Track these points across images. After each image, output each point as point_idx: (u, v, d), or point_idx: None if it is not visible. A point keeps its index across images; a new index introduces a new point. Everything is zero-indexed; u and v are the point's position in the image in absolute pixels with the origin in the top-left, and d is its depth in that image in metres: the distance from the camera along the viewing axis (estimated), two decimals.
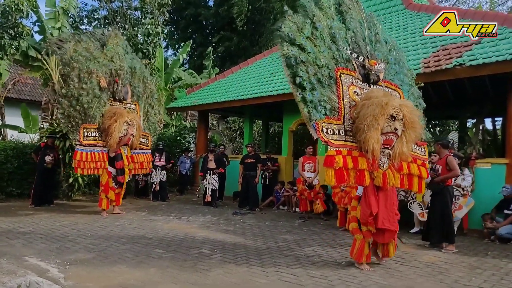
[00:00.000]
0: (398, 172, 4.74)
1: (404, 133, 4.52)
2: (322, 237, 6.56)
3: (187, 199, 11.24)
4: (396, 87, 5.20)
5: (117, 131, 7.98)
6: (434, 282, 4.27)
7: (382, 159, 4.59)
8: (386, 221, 4.61)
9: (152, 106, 9.72)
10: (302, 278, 4.24)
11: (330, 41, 4.69)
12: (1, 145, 9.99)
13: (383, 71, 4.94)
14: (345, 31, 4.88)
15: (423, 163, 5.13)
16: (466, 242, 6.35)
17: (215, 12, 24.79)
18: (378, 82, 4.94)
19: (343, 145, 4.47)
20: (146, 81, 9.55)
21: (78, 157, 7.75)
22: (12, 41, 10.91)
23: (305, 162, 8.41)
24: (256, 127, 16.77)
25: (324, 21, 4.69)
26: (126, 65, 9.03)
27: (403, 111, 4.43)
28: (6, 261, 4.44)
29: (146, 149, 9.25)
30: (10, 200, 9.62)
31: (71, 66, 7.98)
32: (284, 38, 4.46)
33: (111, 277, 4.12)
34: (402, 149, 4.56)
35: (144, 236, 6.15)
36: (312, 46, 4.52)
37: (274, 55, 12.98)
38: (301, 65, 4.40)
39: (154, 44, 13.14)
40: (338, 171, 4.31)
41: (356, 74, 4.80)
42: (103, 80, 8.32)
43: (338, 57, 4.69)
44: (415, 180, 4.96)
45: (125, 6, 14.92)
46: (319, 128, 4.37)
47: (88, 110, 7.99)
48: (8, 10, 10.69)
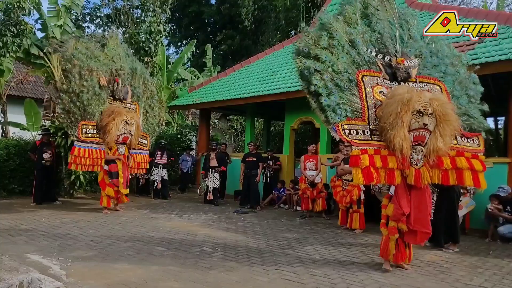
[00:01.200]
0: (438, 168, 4.53)
1: (438, 128, 4.36)
2: (323, 235, 6.56)
3: (188, 197, 11.26)
4: (435, 80, 4.96)
5: (115, 129, 7.97)
6: (435, 281, 4.27)
7: (414, 156, 4.46)
8: (417, 222, 4.46)
9: (152, 107, 9.74)
10: (303, 277, 4.24)
11: (349, 47, 4.78)
12: (3, 143, 10.02)
13: (416, 67, 4.82)
14: (370, 33, 4.88)
15: (474, 154, 4.70)
16: (468, 241, 6.34)
17: (217, 10, 24.78)
18: (410, 79, 4.80)
19: (369, 144, 4.49)
20: (146, 82, 9.58)
21: (76, 153, 7.77)
22: (14, 38, 10.93)
23: (307, 160, 8.42)
24: (257, 126, 16.78)
25: (343, 29, 4.81)
26: (127, 66, 9.11)
27: (433, 105, 4.30)
28: (8, 258, 4.45)
29: (145, 150, 9.24)
30: (12, 197, 9.65)
31: (72, 62, 8.04)
32: (299, 53, 4.73)
33: (112, 274, 4.13)
34: (436, 144, 4.37)
35: (146, 234, 6.16)
36: (329, 55, 4.69)
37: (276, 53, 12.97)
38: (315, 74, 4.62)
39: (156, 42, 13.14)
40: (365, 170, 4.34)
41: (382, 74, 4.77)
42: (103, 79, 8.37)
43: (359, 60, 4.77)
44: (467, 174, 4.58)
45: (128, 5, 14.92)
46: (340, 130, 4.49)
47: (88, 107, 8.04)
48: (10, 8, 10.71)
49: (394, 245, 4.56)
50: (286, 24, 20.62)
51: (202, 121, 13.55)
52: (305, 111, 10.32)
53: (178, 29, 27.70)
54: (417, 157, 4.46)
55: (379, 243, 5.96)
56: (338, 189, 7.43)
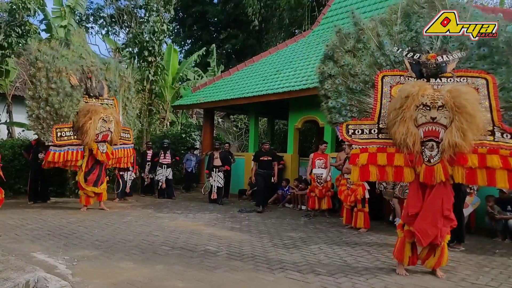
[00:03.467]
0: (461, 166, 4.15)
1: (454, 122, 4.07)
2: (328, 235, 6.55)
3: (192, 197, 11.28)
4: (480, 73, 4.46)
5: (93, 128, 7.86)
6: (441, 281, 4.25)
7: (427, 152, 4.27)
8: (424, 223, 4.23)
9: (130, 99, 9.57)
10: (308, 276, 4.24)
11: (375, 48, 4.85)
12: (9, 143, 10.07)
13: (454, 61, 4.53)
14: (406, 33, 4.80)
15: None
16: (473, 240, 6.31)
17: (221, 10, 24.78)
18: (444, 74, 4.53)
19: (372, 142, 4.59)
20: (122, 75, 9.36)
21: (50, 158, 7.71)
22: (19, 39, 10.98)
23: (316, 158, 8.41)
24: (261, 125, 16.78)
25: (375, 29, 4.90)
26: (98, 61, 8.89)
27: (445, 97, 4.07)
28: (15, 257, 4.48)
29: (128, 144, 9.08)
30: (18, 197, 9.70)
31: (36, 66, 7.84)
32: (326, 56, 5.07)
33: (118, 273, 4.15)
34: (453, 139, 4.05)
35: (151, 233, 6.18)
36: (350, 58, 4.91)
37: (280, 52, 12.96)
38: (328, 78, 4.95)
39: (159, 42, 13.16)
40: (361, 168, 4.49)
41: (407, 72, 4.68)
42: (73, 78, 8.14)
43: (382, 61, 4.80)
44: (500, 174, 4.08)
45: (131, 4, 14.95)
46: (343, 130, 4.77)
47: (60, 109, 7.88)
48: (15, 9, 10.77)
49: (410, 247, 4.44)
50: (290, 23, 20.59)
51: (206, 120, 13.56)
52: (309, 110, 10.34)
53: (181, 29, 27.73)
54: (430, 154, 4.26)
55: (384, 242, 5.98)
56: (342, 188, 7.42)
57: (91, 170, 8.18)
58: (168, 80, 15.60)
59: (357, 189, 6.97)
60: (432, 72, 4.55)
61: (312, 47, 11.96)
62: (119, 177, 9.95)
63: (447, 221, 4.29)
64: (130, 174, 10.30)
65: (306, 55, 11.49)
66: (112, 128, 8.24)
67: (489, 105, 4.31)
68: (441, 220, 4.24)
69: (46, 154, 7.89)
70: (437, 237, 4.23)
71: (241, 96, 10.96)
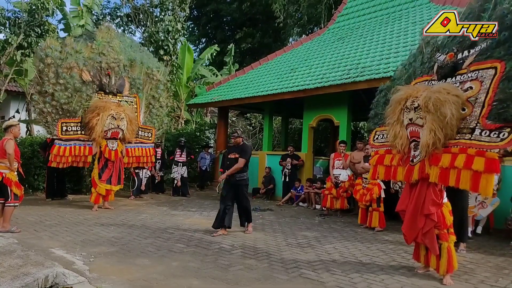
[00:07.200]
0: (435, 166, 4.06)
1: (426, 122, 4.06)
2: (342, 234, 6.50)
3: (207, 195, 11.33)
4: (491, 63, 4.03)
5: (100, 125, 7.82)
6: (459, 282, 4.17)
7: (412, 153, 4.39)
8: (407, 221, 4.36)
9: (158, 98, 9.46)
10: (323, 275, 4.21)
11: (420, 57, 4.98)
12: (28, 141, 10.29)
13: (472, 56, 4.29)
14: (451, 37, 4.62)
15: (479, 151, 3.72)
16: (492, 241, 6.18)
17: (236, 8, 24.79)
18: (459, 71, 4.36)
19: (383, 145, 5.04)
20: (150, 72, 9.26)
21: (55, 151, 7.75)
22: (38, 39, 11.20)
23: (336, 158, 8.36)
24: (276, 124, 16.74)
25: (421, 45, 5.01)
26: (124, 57, 8.84)
27: (420, 98, 4.08)
28: (34, 252, 4.57)
29: (148, 143, 8.95)
30: (37, 194, 9.92)
31: (45, 62, 7.92)
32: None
33: (134, 270, 4.20)
34: (423, 139, 4.08)
35: (166, 230, 6.24)
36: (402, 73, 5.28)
37: (295, 50, 12.91)
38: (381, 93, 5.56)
39: (175, 41, 13.26)
40: (372, 168, 5.10)
41: (433, 76, 4.65)
42: (86, 74, 8.18)
43: (419, 72, 4.90)
44: (464, 174, 3.78)
45: (147, 3, 15.09)
46: (372, 136, 5.31)
47: (67, 105, 7.93)
48: (34, 9, 11.00)
49: (424, 247, 4.40)
50: (308, 19, 20.49)
51: (220, 119, 13.61)
52: (324, 108, 10.28)
53: (196, 28, 27.86)
54: (413, 153, 4.39)
55: (400, 242, 5.90)
56: (358, 187, 7.35)
57: (105, 167, 8.20)
58: (182, 79, 15.71)
59: (373, 188, 6.90)
60: (446, 72, 4.48)
61: (328, 45, 11.88)
62: (134, 175, 10.07)
63: (429, 221, 4.19)
64: (146, 172, 10.41)
65: (321, 53, 11.42)
66: (122, 126, 8.12)
67: (483, 100, 3.96)
68: (421, 219, 4.23)
69: (51, 147, 7.98)
70: (418, 235, 4.28)
71: (255, 95, 10.94)
